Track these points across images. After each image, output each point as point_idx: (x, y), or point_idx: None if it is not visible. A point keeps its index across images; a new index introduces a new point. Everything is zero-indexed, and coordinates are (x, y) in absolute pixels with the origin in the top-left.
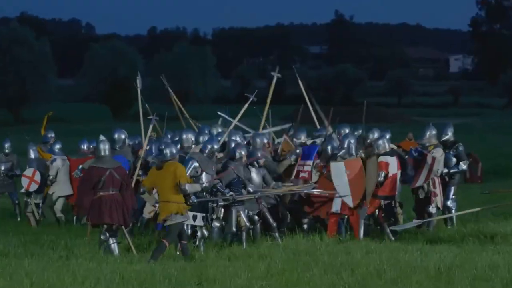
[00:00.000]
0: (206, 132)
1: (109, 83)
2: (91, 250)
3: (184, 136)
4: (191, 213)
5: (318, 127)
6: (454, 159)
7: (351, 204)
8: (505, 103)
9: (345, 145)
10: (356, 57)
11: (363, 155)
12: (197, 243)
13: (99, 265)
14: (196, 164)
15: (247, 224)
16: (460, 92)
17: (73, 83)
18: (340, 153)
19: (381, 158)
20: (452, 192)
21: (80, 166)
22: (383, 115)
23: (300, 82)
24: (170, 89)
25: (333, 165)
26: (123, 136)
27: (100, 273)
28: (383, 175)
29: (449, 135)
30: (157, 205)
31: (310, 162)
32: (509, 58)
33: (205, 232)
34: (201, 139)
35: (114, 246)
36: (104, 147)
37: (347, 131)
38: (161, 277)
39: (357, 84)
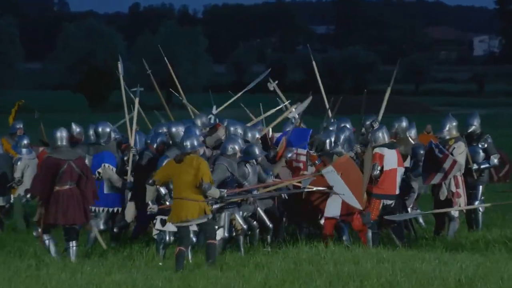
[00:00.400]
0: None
1: (85, 68)
2: (64, 258)
3: (174, 130)
4: (159, 217)
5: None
6: (482, 154)
7: (358, 206)
8: None
9: (340, 140)
10: (367, 38)
11: (359, 150)
12: (160, 249)
13: (73, 276)
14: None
15: (244, 227)
16: (485, 78)
17: (42, 67)
18: (334, 150)
19: (377, 150)
20: (480, 192)
21: None
22: (398, 104)
23: (314, 65)
24: (152, 76)
25: (324, 173)
26: (108, 130)
27: (74, 284)
28: (378, 168)
29: (475, 126)
30: (151, 204)
31: (304, 151)
32: None
33: (193, 238)
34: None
35: (73, 250)
36: (61, 135)
37: (347, 125)
38: None
39: (369, 70)
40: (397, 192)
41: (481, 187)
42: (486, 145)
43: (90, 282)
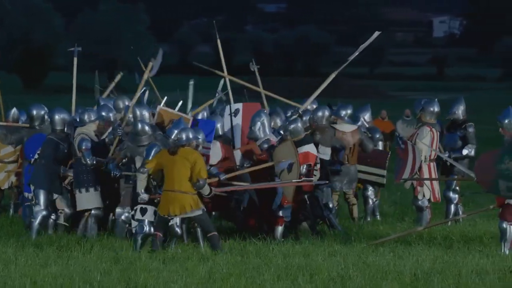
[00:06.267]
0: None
1: (20, 48)
2: None
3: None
4: (152, 207)
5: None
6: (460, 142)
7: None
8: (499, 75)
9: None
10: (320, 17)
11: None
12: (138, 240)
13: (6, 267)
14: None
15: None
16: (445, 61)
17: None
18: (249, 135)
19: (306, 149)
20: (454, 182)
21: None
22: (353, 89)
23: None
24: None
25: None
26: (42, 112)
27: (8, 277)
28: (306, 167)
29: (456, 113)
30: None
31: (209, 144)
32: (506, 22)
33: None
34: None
35: None
36: None
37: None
38: (81, 282)
39: (322, 51)
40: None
41: (455, 176)
42: (465, 134)
43: (25, 275)
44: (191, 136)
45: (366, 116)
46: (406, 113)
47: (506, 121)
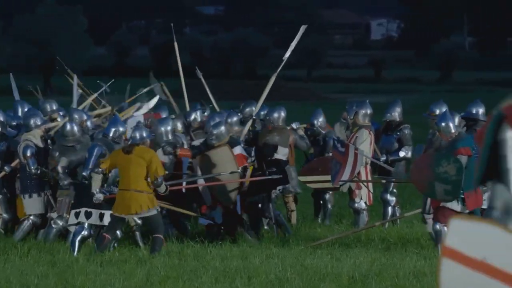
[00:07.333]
0: None
1: None
2: None
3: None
4: (97, 211)
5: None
6: (396, 144)
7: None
8: (437, 78)
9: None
10: (259, 20)
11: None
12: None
13: None
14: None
15: (139, 222)
16: (383, 64)
17: None
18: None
19: (238, 151)
20: (392, 184)
21: None
22: (291, 91)
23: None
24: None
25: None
26: None
27: None
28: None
29: (390, 114)
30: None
31: None
32: (443, 25)
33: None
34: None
35: None
36: None
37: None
38: (19, 285)
39: (260, 54)
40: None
41: (393, 178)
42: (401, 135)
43: None
44: (144, 134)
45: (320, 120)
46: (344, 115)
47: (443, 124)
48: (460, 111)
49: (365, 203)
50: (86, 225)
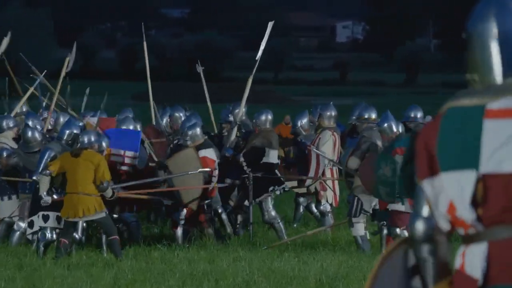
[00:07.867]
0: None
1: None
2: None
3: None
4: (54, 213)
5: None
6: None
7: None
8: (402, 80)
9: None
10: (224, 23)
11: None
12: (40, 247)
13: None
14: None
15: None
16: (348, 66)
17: None
18: None
19: (205, 153)
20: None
21: None
22: (256, 93)
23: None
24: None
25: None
26: None
27: None
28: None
29: (355, 117)
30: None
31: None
32: (409, 27)
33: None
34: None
35: None
36: None
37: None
38: None
39: (225, 56)
40: None
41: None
42: None
43: None
44: (92, 139)
45: (304, 122)
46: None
47: (385, 125)
48: (425, 113)
49: (331, 204)
50: (48, 229)
